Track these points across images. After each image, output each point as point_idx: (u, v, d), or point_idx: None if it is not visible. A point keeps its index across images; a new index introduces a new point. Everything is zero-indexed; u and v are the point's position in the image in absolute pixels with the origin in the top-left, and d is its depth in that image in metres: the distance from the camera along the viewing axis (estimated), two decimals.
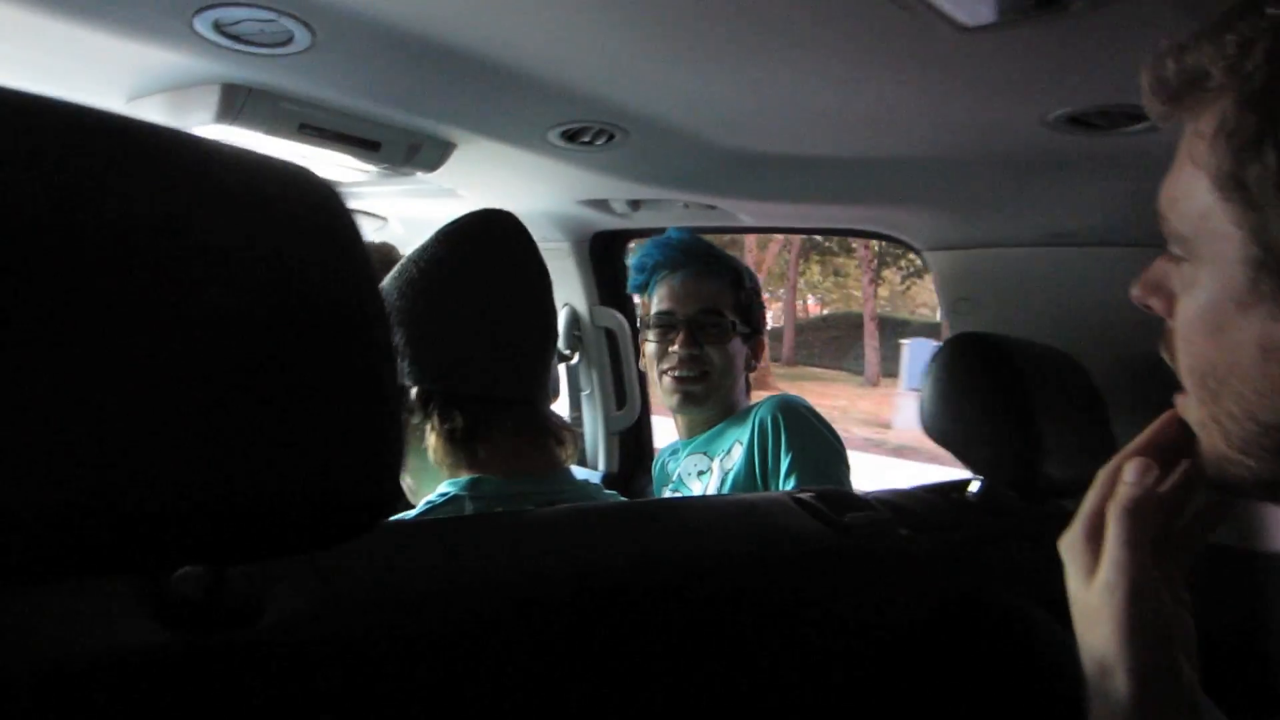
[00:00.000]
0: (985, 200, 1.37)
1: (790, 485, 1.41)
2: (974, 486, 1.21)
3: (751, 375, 1.70)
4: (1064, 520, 0.60)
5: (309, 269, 0.46)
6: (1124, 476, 0.55)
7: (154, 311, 0.40)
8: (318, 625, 0.60)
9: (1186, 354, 0.51)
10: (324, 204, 0.49)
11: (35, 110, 0.41)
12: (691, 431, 1.65)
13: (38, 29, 0.91)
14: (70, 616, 0.52)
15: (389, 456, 0.48)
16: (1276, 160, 0.43)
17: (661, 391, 1.66)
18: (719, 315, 1.59)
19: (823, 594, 0.96)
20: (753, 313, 1.64)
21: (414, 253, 1.00)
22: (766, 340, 1.71)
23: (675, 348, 1.58)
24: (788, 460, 1.43)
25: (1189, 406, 0.53)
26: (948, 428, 1.19)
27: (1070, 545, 0.57)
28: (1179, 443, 0.55)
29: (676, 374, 1.58)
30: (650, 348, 1.64)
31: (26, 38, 0.94)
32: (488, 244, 0.99)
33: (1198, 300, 0.49)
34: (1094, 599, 0.54)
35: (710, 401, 1.60)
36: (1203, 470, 0.53)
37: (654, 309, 1.64)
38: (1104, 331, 1.39)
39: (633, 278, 1.71)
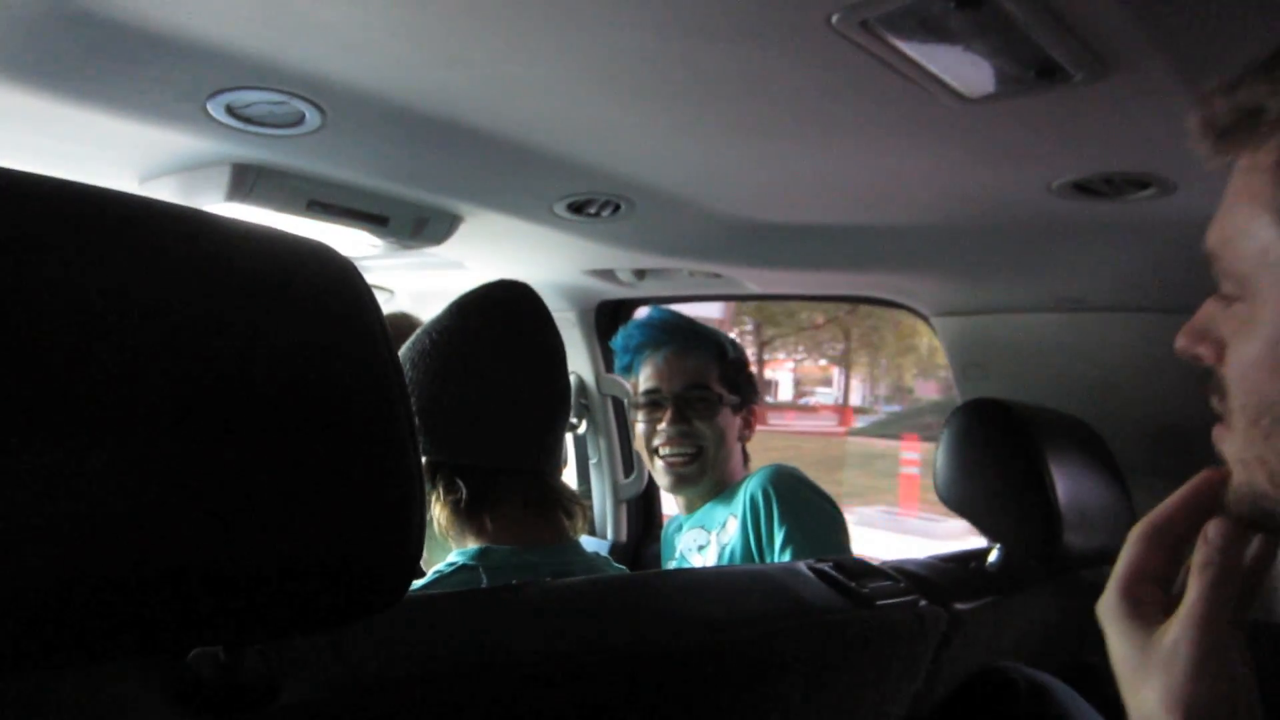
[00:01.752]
0: (993, 267, 1.37)
1: (787, 559, 1.39)
2: (993, 556, 1.18)
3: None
4: (1083, 590, 0.58)
5: (329, 345, 0.46)
6: (1207, 536, 0.53)
7: (171, 387, 0.40)
8: (336, 705, 0.58)
9: (1242, 392, 0.49)
10: (343, 280, 0.49)
11: (50, 194, 0.41)
12: (690, 507, 1.64)
13: (53, 116, 0.93)
14: (83, 700, 0.50)
15: (412, 532, 0.47)
16: None
17: (654, 473, 1.65)
18: (705, 389, 1.58)
19: (843, 664, 0.94)
20: (740, 383, 1.64)
21: (428, 323, 1.00)
22: (758, 409, 1.69)
23: (664, 425, 1.57)
24: (782, 534, 1.41)
25: (1230, 440, 0.51)
26: (964, 495, 1.17)
27: (1112, 609, 0.55)
28: (1214, 500, 0.53)
29: (668, 454, 1.58)
30: (640, 428, 1.64)
31: (41, 124, 0.96)
32: (499, 315, 0.99)
33: (1259, 338, 0.48)
34: (1161, 656, 0.51)
35: (705, 478, 1.58)
36: (1230, 507, 0.52)
37: (640, 388, 1.64)
38: (1117, 397, 1.38)
39: (618, 359, 1.72)
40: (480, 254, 1.56)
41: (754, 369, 1.74)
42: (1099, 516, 1.17)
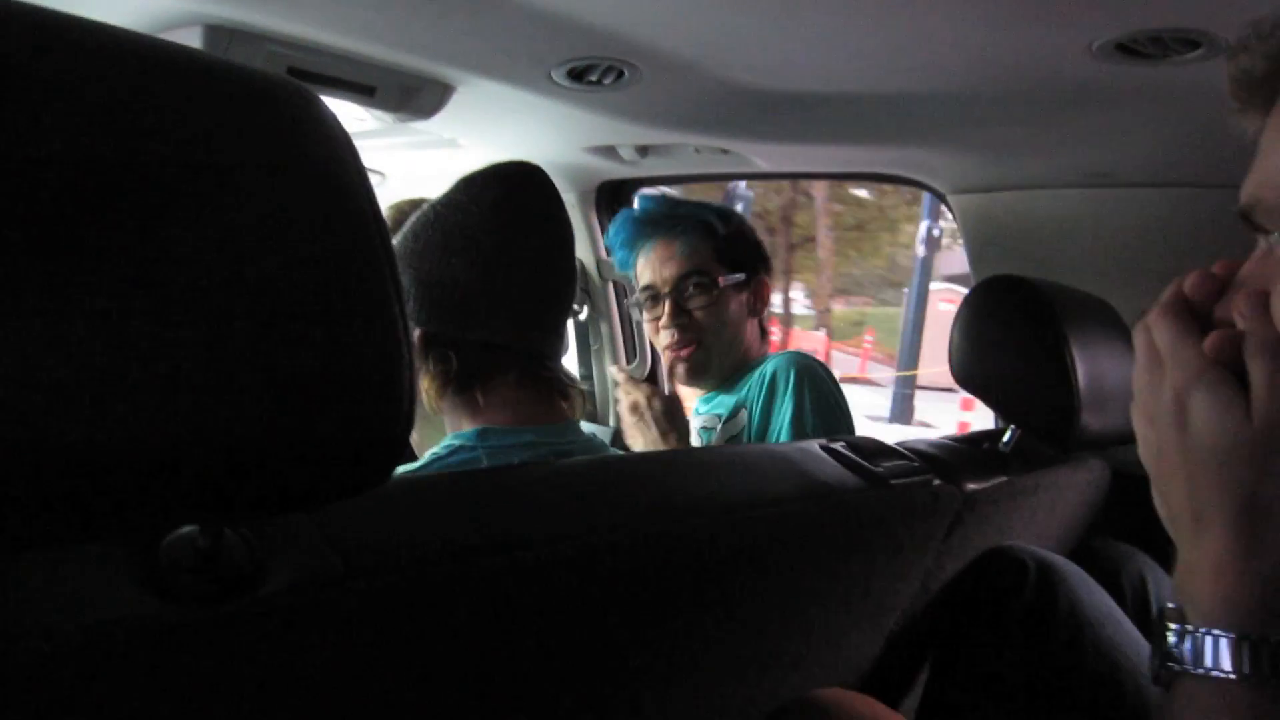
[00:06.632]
0: (1020, 139, 1.30)
1: (785, 439, 1.36)
2: (1006, 437, 1.16)
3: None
4: (1094, 472, 0.56)
5: (299, 191, 0.41)
6: (1243, 312, 0.49)
7: (140, 243, 0.36)
8: (326, 590, 0.54)
9: None
10: (313, 120, 0.44)
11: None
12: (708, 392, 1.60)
13: None
14: (47, 589, 0.46)
15: (401, 402, 0.43)
16: None
17: (667, 368, 1.61)
18: (699, 274, 1.50)
19: (857, 543, 0.93)
20: (741, 257, 1.54)
21: (436, 198, 0.99)
22: (768, 281, 1.60)
23: (664, 321, 1.51)
24: (788, 413, 1.37)
25: None
26: (979, 374, 1.14)
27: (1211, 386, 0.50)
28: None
29: (673, 349, 1.53)
30: (647, 326, 1.60)
31: None
32: (508, 191, 0.97)
33: None
34: (1256, 433, 0.47)
35: (714, 366, 1.54)
36: None
37: (639, 285, 1.58)
38: (1144, 277, 1.33)
39: (615, 258, 1.64)
40: (474, 130, 1.48)
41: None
42: (1117, 398, 1.14)
